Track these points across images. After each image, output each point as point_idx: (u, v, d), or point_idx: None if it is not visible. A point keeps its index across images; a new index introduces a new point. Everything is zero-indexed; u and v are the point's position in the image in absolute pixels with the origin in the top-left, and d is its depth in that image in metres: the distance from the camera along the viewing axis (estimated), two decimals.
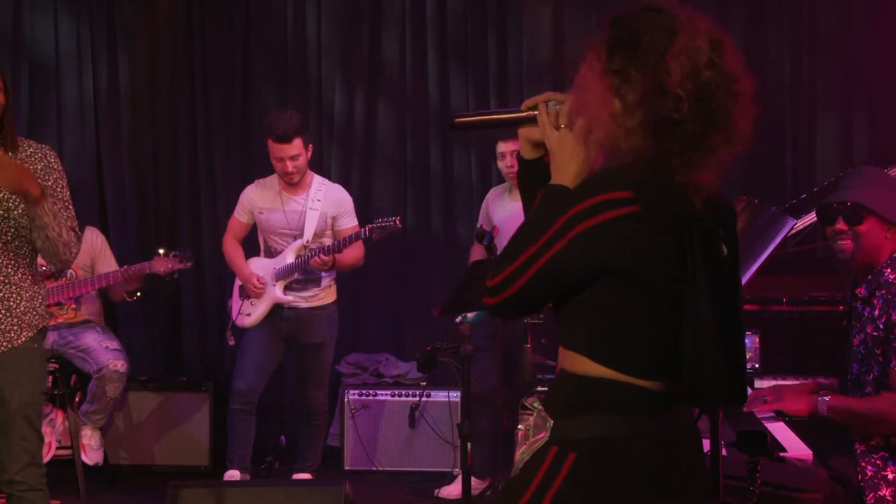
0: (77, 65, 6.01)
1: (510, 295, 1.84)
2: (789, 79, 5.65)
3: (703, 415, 2.01)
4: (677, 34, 1.77)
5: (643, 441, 1.80)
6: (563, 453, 1.82)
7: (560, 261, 1.79)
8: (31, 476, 3.24)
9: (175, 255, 4.99)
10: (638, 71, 1.77)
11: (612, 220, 1.74)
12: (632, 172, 1.77)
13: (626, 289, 1.78)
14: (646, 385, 1.81)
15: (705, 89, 1.76)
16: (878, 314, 2.97)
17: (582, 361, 1.83)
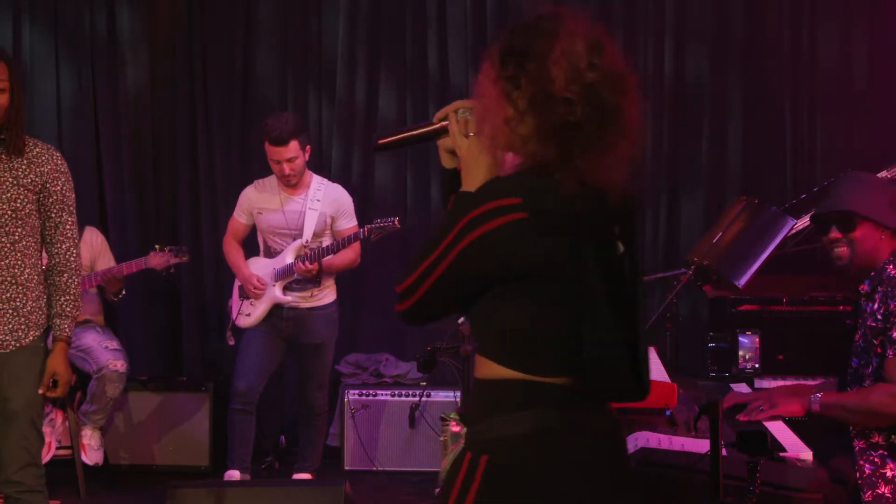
0: (77, 64, 6.01)
1: (414, 302, 1.89)
2: (789, 79, 5.65)
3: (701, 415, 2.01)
4: (557, 39, 1.82)
5: (554, 436, 1.84)
6: (476, 457, 1.85)
7: (455, 268, 1.84)
8: (28, 477, 3.24)
9: (171, 250, 5.00)
10: (525, 78, 1.82)
11: (501, 227, 1.79)
12: (523, 178, 1.83)
13: (522, 292, 1.82)
14: (553, 382, 1.84)
15: (591, 90, 1.80)
16: (878, 306, 2.98)
17: (490, 365, 1.88)
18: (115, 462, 5.32)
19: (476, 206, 1.82)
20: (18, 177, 3.25)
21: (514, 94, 1.83)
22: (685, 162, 5.76)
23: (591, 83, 1.80)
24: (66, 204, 3.35)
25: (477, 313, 1.89)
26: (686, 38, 5.74)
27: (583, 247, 1.81)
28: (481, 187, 1.86)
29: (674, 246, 5.69)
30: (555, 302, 1.82)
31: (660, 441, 2.88)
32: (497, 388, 1.87)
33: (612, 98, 1.82)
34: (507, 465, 1.83)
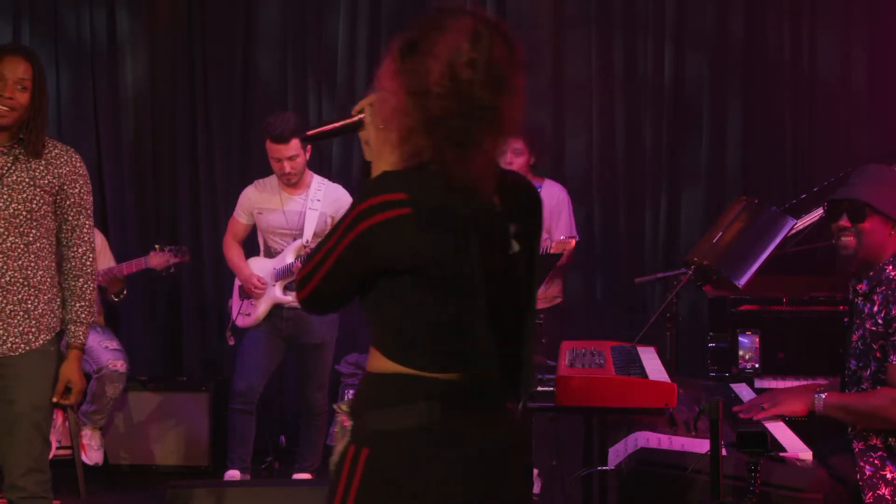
0: (77, 64, 6.01)
1: (311, 290, 1.93)
2: (789, 79, 5.65)
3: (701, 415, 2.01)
4: (443, 34, 1.86)
5: (435, 432, 1.86)
6: (358, 450, 1.89)
7: (343, 260, 1.88)
8: (31, 483, 3.22)
9: (171, 250, 5.00)
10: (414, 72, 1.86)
11: (385, 222, 1.82)
12: (410, 173, 1.86)
13: (407, 287, 1.86)
14: (438, 378, 1.87)
15: (465, 87, 1.83)
16: (878, 310, 2.97)
17: (379, 358, 1.92)
18: (115, 462, 5.32)
19: (363, 200, 1.86)
20: (35, 177, 3.24)
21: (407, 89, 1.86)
22: (685, 162, 5.76)
23: (466, 80, 1.83)
24: (83, 207, 3.34)
25: (368, 305, 1.94)
26: (686, 38, 5.74)
27: (467, 244, 1.83)
28: (370, 181, 1.90)
29: (674, 246, 5.69)
30: (438, 298, 1.85)
31: (660, 441, 2.88)
32: (382, 381, 1.91)
33: (487, 96, 1.84)
34: (386, 460, 1.87)
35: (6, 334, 3.22)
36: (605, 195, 5.80)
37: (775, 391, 3.23)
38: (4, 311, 3.21)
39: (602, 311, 5.74)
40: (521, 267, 1.93)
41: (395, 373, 1.89)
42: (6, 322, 3.22)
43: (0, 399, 3.23)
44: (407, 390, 1.87)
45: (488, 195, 1.89)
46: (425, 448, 1.86)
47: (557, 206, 5.11)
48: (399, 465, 1.86)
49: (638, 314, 5.45)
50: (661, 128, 5.73)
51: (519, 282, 1.93)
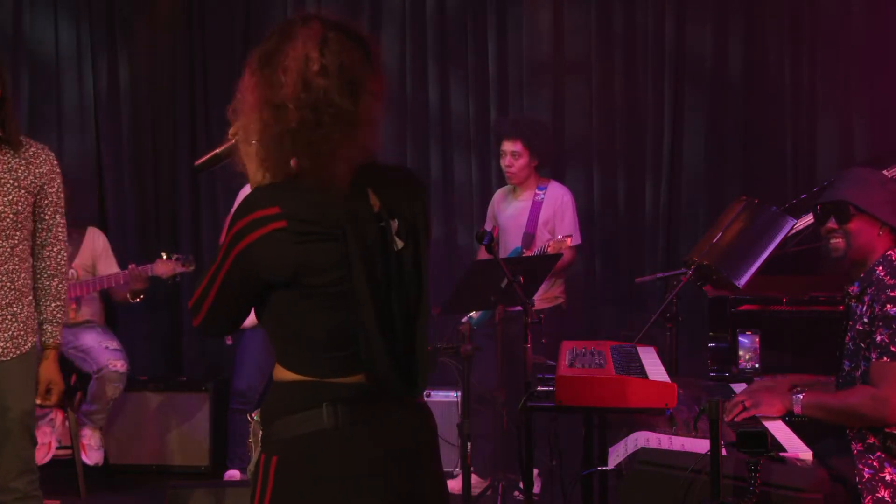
0: (77, 65, 6.01)
1: (203, 316, 1.96)
2: (789, 79, 5.64)
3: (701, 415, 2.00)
4: (292, 44, 1.85)
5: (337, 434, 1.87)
6: (269, 458, 1.91)
7: (227, 282, 1.89)
8: (24, 483, 3.25)
9: (178, 259, 5.00)
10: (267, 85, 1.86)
11: (263, 238, 1.83)
12: (281, 186, 1.86)
13: (294, 298, 1.87)
14: (337, 382, 1.89)
15: (320, 95, 1.83)
16: (866, 309, 2.98)
17: (280, 369, 1.94)
18: (115, 462, 5.32)
19: (238, 219, 1.86)
20: (18, 178, 3.21)
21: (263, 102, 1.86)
22: (685, 162, 5.76)
23: (320, 88, 1.83)
24: (59, 206, 3.33)
25: (262, 319, 1.95)
26: (687, 39, 5.74)
27: (346, 250, 1.84)
28: (244, 199, 1.88)
29: (674, 246, 5.69)
30: (325, 306, 1.86)
31: (660, 441, 2.87)
32: (285, 389, 1.92)
33: (342, 102, 1.84)
34: (294, 465, 1.88)
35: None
36: (605, 195, 5.80)
37: (755, 389, 3.23)
38: None
39: (602, 311, 5.74)
40: (407, 263, 1.93)
41: (296, 380, 1.91)
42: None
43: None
44: (310, 396, 1.89)
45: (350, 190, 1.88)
46: (333, 451, 1.87)
47: (561, 208, 5.10)
48: (308, 470, 1.88)
49: (638, 314, 5.44)
50: (661, 128, 5.73)
51: (406, 278, 1.93)
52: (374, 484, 1.88)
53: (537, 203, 5.07)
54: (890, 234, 3.05)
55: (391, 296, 1.90)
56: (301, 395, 1.89)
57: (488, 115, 5.84)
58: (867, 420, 2.90)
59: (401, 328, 1.91)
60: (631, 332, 4.07)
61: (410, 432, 1.96)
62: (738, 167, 5.70)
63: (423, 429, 2.00)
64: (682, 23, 5.73)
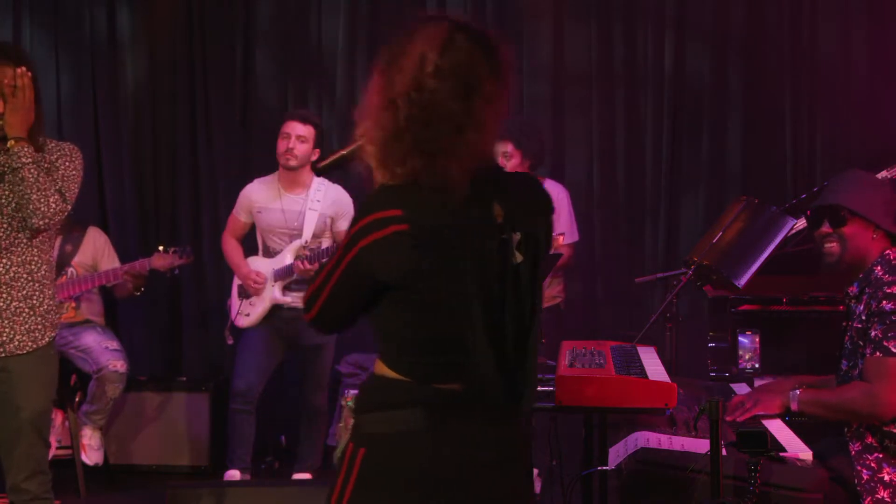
0: (77, 65, 6.01)
1: (317, 311, 1.97)
2: (789, 79, 5.65)
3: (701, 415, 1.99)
4: (412, 45, 1.87)
5: (428, 437, 1.89)
6: (356, 449, 1.93)
7: (344, 280, 1.91)
8: (35, 485, 3.24)
9: (175, 251, 5.00)
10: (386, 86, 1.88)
11: (382, 239, 1.84)
12: (403, 188, 1.87)
13: (406, 301, 1.88)
14: (436, 387, 1.90)
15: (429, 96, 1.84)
16: (863, 308, 2.98)
17: (380, 364, 1.96)
18: (115, 462, 5.32)
19: (360, 218, 1.88)
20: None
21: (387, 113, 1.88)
22: (685, 162, 5.76)
23: (431, 89, 1.84)
24: (67, 182, 3.26)
25: (370, 317, 1.96)
26: (686, 38, 5.74)
27: (464, 257, 1.84)
28: (367, 198, 1.91)
29: (673, 246, 5.69)
30: (434, 311, 1.87)
31: (660, 441, 2.88)
32: (383, 385, 1.94)
33: (454, 105, 1.84)
34: (380, 462, 1.90)
35: (13, 332, 3.21)
36: (605, 195, 5.80)
37: (756, 390, 3.24)
38: (10, 309, 3.21)
39: (602, 311, 5.74)
40: (523, 277, 1.92)
41: (393, 378, 1.92)
42: (12, 320, 3.21)
43: (5, 404, 3.23)
44: (406, 396, 1.90)
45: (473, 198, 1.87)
46: (419, 453, 1.88)
47: (557, 206, 5.06)
48: (393, 468, 1.89)
49: (638, 314, 5.45)
50: (661, 128, 5.73)
51: (522, 293, 1.91)
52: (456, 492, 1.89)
53: None
54: (885, 236, 3.05)
55: (504, 308, 1.89)
56: (397, 393, 1.91)
57: None
58: (861, 416, 2.91)
59: (511, 341, 1.90)
60: (631, 332, 4.07)
61: (499, 445, 1.95)
62: (738, 167, 5.70)
63: (513, 444, 1.99)
64: (682, 23, 5.73)
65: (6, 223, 3.19)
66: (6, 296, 3.20)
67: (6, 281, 3.19)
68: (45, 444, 3.31)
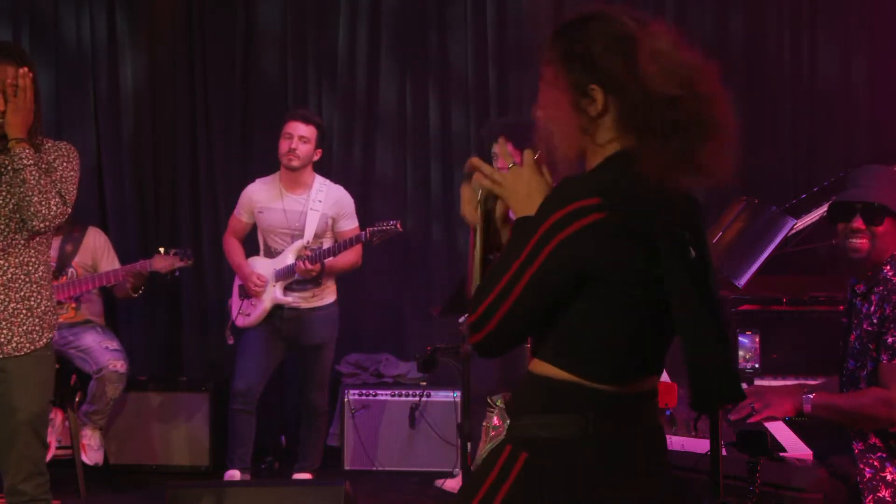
0: (77, 65, 6.01)
1: (497, 324, 1.79)
2: (790, 79, 5.65)
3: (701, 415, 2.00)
4: (636, 40, 1.81)
5: (597, 443, 1.82)
6: (516, 452, 1.84)
7: (539, 278, 1.77)
8: (33, 486, 3.23)
9: (176, 253, 4.99)
10: (600, 83, 1.81)
11: (583, 229, 1.74)
12: (598, 177, 1.81)
13: (598, 295, 1.78)
14: (607, 389, 1.82)
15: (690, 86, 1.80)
16: (874, 310, 2.97)
17: (545, 365, 1.85)
18: (115, 462, 5.32)
19: (556, 209, 1.76)
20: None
21: (584, 102, 1.82)
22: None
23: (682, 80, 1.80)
24: (66, 182, 3.26)
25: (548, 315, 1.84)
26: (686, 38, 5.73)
27: (668, 249, 1.78)
28: (555, 190, 1.81)
29: None
30: (625, 305, 1.79)
31: None
32: (547, 386, 1.84)
33: (707, 90, 1.82)
34: (545, 467, 1.81)
35: (11, 333, 3.21)
36: None
37: (765, 391, 3.23)
38: (7, 310, 3.20)
39: None
40: (701, 272, 1.84)
41: (563, 379, 1.82)
42: (9, 321, 3.21)
43: (2, 406, 3.22)
44: (573, 398, 1.82)
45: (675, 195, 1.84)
46: (585, 460, 1.81)
47: None
48: (557, 475, 1.81)
49: None
50: None
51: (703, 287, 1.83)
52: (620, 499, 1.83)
53: None
54: None
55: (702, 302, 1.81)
56: (564, 395, 1.82)
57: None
58: (878, 422, 2.90)
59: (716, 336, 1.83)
60: None
61: (657, 451, 1.92)
62: (738, 167, 5.69)
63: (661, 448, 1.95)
64: (682, 24, 5.73)
65: (3, 224, 3.19)
66: (4, 297, 3.19)
67: (3, 282, 3.19)
68: (43, 445, 3.30)
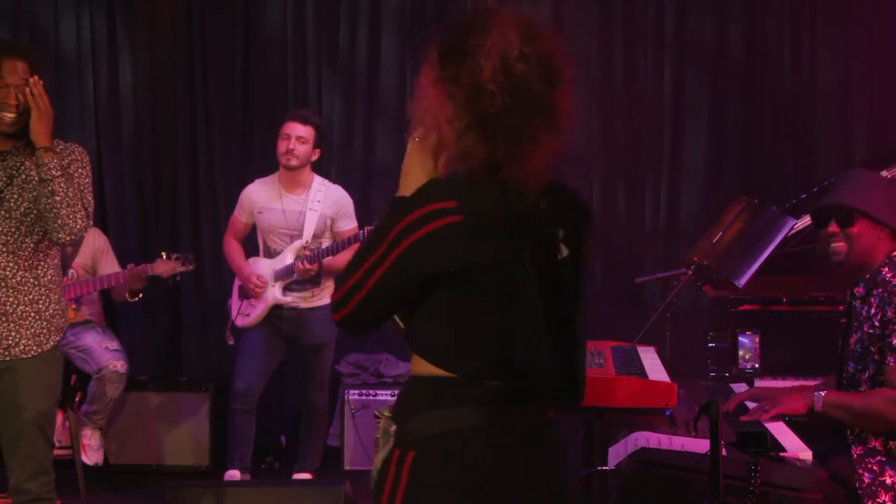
0: (77, 65, 6.01)
1: (352, 309, 1.88)
2: (790, 79, 5.65)
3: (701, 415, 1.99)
4: (489, 32, 1.83)
5: (482, 435, 1.85)
6: (404, 453, 1.87)
7: (392, 273, 1.84)
8: (38, 485, 3.24)
9: (178, 258, 4.99)
10: (461, 74, 1.84)
11: (437, 231, 1.79)
12: (459, 180, 1.84)
13: (458, 295, 1.84)
14: (484, 383, 1.86)
15: (520, 81, 1.81)
16: (875, 312, 2.97)
17: (422, 364, 1.89)
18: (115, 462, 5.32)
19: (411, 210, 1.83)
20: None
21: (455, 93, 1.84)
22: (685, 161, 5.76)
23: (521, 74, 1.81)
24: (82, 187, 3.28)
25: (414, 314, 1.90)
26: (687, 39, 5.74)
27: (518, 250, 1.81)
28: (417, 191, 1.86)
29: (673, 246, 5.69)
30: (488, 305, 1.84)
31: (660, 441, 2.88)
32: (427, 385, 1.89)
33: (542, 89, 1.83)
34: (432, 463, 1.85)
35: (18, 336, 3.22)
36: (605, 195, 5.80)
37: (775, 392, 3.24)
38: (16, 313, 3.21)
39: (602, 311, 5.74)
40: (569, 272, 1.90)
41: (441, 377, 1.87)
42: (18, 324, 3.22)
43: (9, 405, 3.24)
44: (454, 395, 1.86)
45: (537, 196, 1.87)
46: (470, 451, 1.84)
47: None
48: (445, 468, 1.84)
49: (638, 314, 5.45)
50: (661, 127, 5.73)
51: (568, 287, 1.90)
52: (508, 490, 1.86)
53: None
54: (890, 235, 3.05)
55: (554, 303, 1.87)
56: (443, 392, 1.86)
57: None
58: (887, 423, 2.91)
59: (560, 338, 1.88)
60: (631, 332, 4.07)
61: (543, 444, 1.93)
62: (738, 167, 5.70)
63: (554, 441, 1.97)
64: (682, 24, 5.73)
65: (14, 227, 3.19)
66: (13, 300, 3.20)
67: (13, 285, 3.20)
68: (49, 444, 3.31)
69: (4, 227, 3.18)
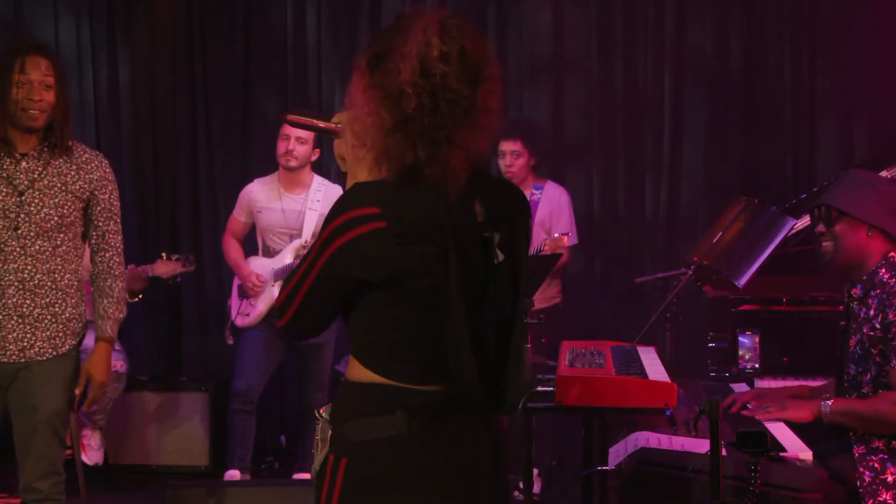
0: (77, 65, 6.02)
1: (291, 315, 1.93)
2: (789, 78, 5.65)
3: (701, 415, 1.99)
4: (410, 34, 1.82)
5: (414, 442, 1.85)
6: (337, 460, 1.88)
7: (319, 280, 1.87)
8: (48, 485, 3.26)
9: (178, 259, 5.00)
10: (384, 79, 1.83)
11: (361, 236, 1.80)
12: (382, 185, 1.83)
13: (385, 300, 1.84)
14: (418, 389, 1.86)
15: (439, 81, 1.80)
16: (874, 314, 2.97)
17: (358, 368, 1.90)
18: (115, 462, 5.32)
19: (336, 216, 1.84)
20: (67, 182, 3.26)
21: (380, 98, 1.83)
22: (685, 161, 5.76)
23: (441, 73, 1.80)
24: (112, 213, 3.38)
25: (347, 318, 1.92)
26: (687, 39, 5.74)
27: (445, 255, 1.80)
28: (342, 197, 1.87)
29: (673, 246, 5.69)
30: (417, 310, 1.84)
31: (660, 441, 2.88)
32: (361, 391, 1.89)
33: (462, 89, 1.81)
34: (365, 470, 1.86)
35: (34, 338, 3.23)
36: (605, 194, 5.80)
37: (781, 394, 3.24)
38: (32, 315, 3.23)
39: (602, 311, 5.74)
40: (505, 277, 1.88)
41: (375, 382, 1.87)
42: (34, 326, 3.23)
43: (23, 404, 3.25)
44: (386, 400, 1.86)
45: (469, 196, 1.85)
46: (404, 458, 1.85)
47: (558, 208, 5.11)
48: (378, 475, 1.85)
49: (638, 314, 5.45)
50: (661, 128, 5.73)
51: (503, 292, 1.88)
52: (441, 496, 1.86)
53: (534, 203, 5.08)
54: (881, 235, 3.04)
55: (486, 307, 1.87)
56: (377, 398, 1.87)
57: None
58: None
59: (493, 341, 1.87)
60: (631, 332, 4.07)
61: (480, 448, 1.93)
62: (738, 167, 5.70)
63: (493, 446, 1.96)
64: (682, 24, 5.73)
65: (33, 231, 3.21)
66: (30, 302, 3.22)
67: (30, 288, 3.21)
68: (62, 444, 3.32)
69: (24, 231, 3.20)
